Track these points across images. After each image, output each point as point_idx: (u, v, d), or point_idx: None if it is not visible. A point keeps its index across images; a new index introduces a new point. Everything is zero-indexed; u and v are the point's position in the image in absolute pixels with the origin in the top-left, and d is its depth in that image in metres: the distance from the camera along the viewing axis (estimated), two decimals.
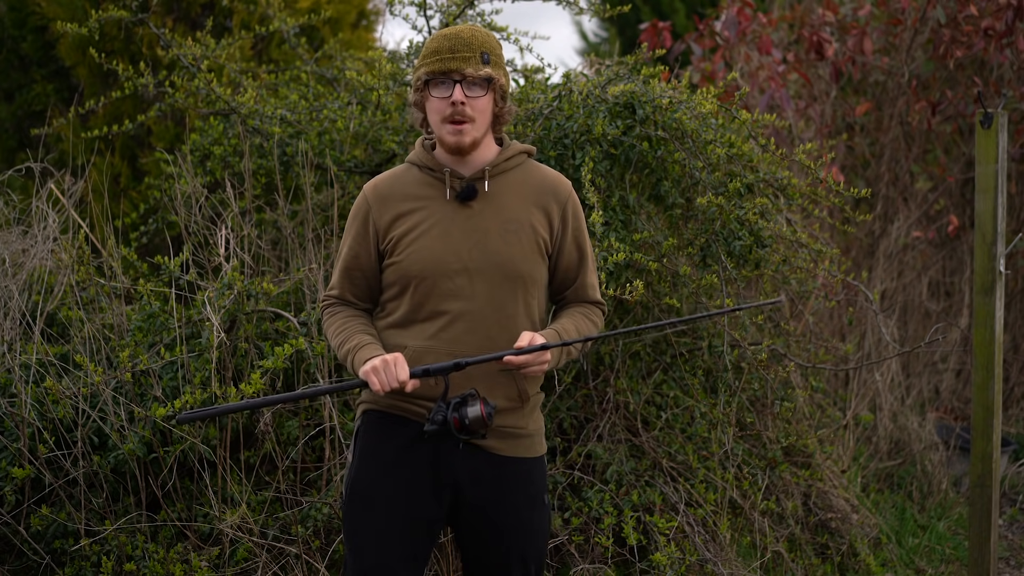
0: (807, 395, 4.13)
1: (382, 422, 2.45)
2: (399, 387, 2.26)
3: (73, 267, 3.51)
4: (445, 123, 2.38)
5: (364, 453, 2.46)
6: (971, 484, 3.71)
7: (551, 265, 2.50)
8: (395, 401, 2.42)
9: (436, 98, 2.38)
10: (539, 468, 2.51)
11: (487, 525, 2.45)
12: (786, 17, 6.01)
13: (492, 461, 2.42)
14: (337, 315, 2.47)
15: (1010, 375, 5.98)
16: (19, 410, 3.09)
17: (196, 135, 4.18)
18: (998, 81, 5.79)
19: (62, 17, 4.85)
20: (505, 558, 2.46)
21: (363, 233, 2.45)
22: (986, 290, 3.64)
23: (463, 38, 2.37)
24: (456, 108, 2.35)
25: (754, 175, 3.46)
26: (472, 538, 2.48)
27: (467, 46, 2.36)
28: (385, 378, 2.25)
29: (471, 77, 2.35)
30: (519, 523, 2.46)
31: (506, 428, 2.42)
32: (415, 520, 2.42)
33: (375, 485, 2.43)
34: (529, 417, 2.47)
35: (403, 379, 2.25)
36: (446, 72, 2.35)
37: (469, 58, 2.35)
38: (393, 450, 2.42)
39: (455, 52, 2.35)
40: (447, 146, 2.40)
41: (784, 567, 3.68)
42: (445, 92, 2.36)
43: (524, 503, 2.47)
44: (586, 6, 4.20)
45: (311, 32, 5.37)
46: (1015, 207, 6.09)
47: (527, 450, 2.47)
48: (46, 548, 3.12)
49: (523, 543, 2.47)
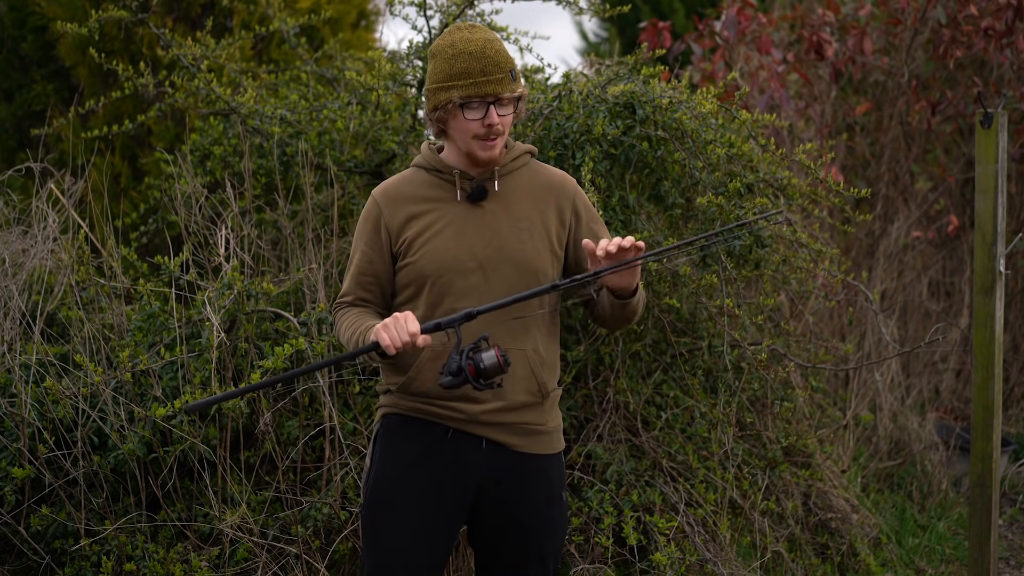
0: (807, 395, 4.13)
1: (403, 425, 2.45)
2: (411, 341, 2.20)
3: (73, 267, 3.51)
4: (477, 140, 2.37)
5: (385, 455, 2.46)
6: (971, 484, 3.71)
7: (571, 258, 2.50)
8: (416, 404, 2.43)
9: (470, 120, 2.36)
10: (557, 465, 2.53)
11: (508, 522, 2.46)
12: (787, 17, 6.01)
13: (514, 458, 2.43)
14: (348, 313, 2.47)
15: (1010, 375, 5.98)
16: (19, 410, 3.09)
17: (196, 135, 4.18)
18: (998, 81, 5.79)
19: (62, 17, 4.84)
20: (524, 555, 2.48)
21: (375, 237, 2.45)
22: (986, 290, 3.64)
23: (490, 57, 2.34)
24: (492, 128, 2.35)
25: (754, 175, 3.46)
26: (492, 535, 2.49)
27: (497, 67, 2.34)
28: (396, 333, 2.20)
29: (506, 100, 2.35)
30: (539, 520, 2.48)
31: (526, 424, 2.43)
32: (437, 522, 2.43)
33: (396, 487, 2.43)
34: (549, 413, 2.48)
35: (414, 331, 2.20)
36: (482, 96, 2.34)
37: (502, 79, 2.34)
38: (414, 452, 2.43)
39: (488, 75, 2.33)
40: (479, 161, 2.40)
41: (784, 567, 3.68)
42: (479, 114, 2.35)
43: (544, 500, 2.49)
44: (586, 6, 4.19)
45: (311, 32, 5.37)
46: (1015, 207, 6.09)
47: (547, 447, 2.49)
48: (46, 548, 3.12)
49: (543, 540, 2.49)
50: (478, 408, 2.39)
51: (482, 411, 2.39)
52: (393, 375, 2.46)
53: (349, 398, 3.43)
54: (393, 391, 2.46)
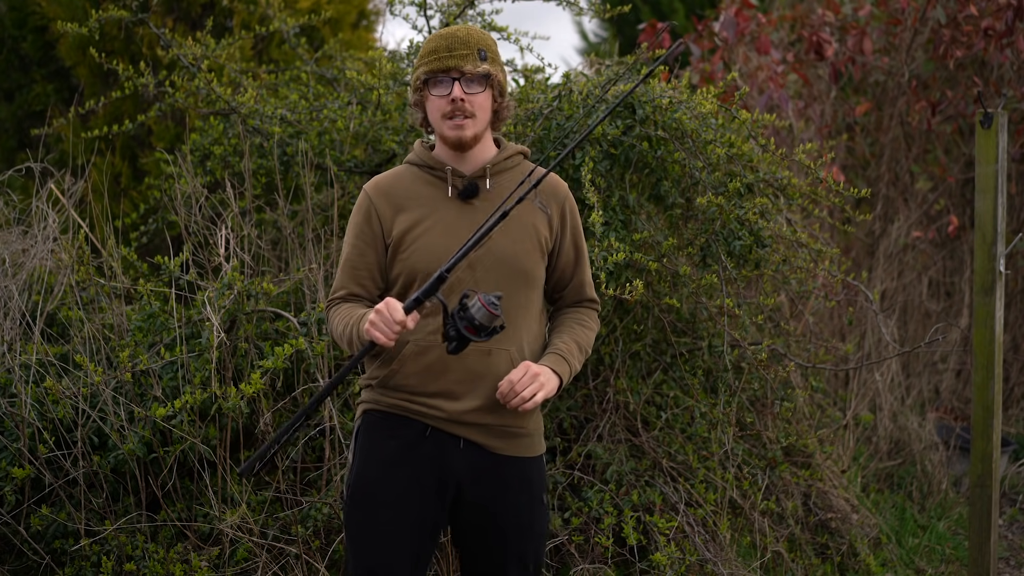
0: (807, 395, 4.14)
1: (383, 422, 2.45)
2: (401, 329, 2.23)
3: (73, 267, 3.51)
4: (445, 119, 2.40)
5: (365, 453, 2.46)
6: (971, 484, 3.71)
7: (550, 264, 2.52)
8: (396, 400, 2.42)
9: (436, 96, 2.40)
10: (538, 468, 2.52)
11: (487, 524, 2.45)
12: (786, 17, 6.01)
13: (492, 460, 2.43)
14: (340, 308, 2.47)
15: (1010, 375, 5.98)
16: (19, 410, 3.09)
17: (196, 135, 4.18)
18: (998, 81, 5.79)
19: (62, 17, 4.84)
20: (503, 557, 2.47)
21: (367, 229, 2.46)
22: (986, 290, 3.64)
23: (459, 37, 2.40)
24: (456, 105, 2.38)
25: (754, 175, 3.46)
26: (471, 537, 2.48)
27: (464, 44, 2.39)
28: (386, 328, 2.23)
29: (469, 74, 2.38)
30: (518, 523, 2.47)
31: (505, 427, 2.43)
32: (417, 520, 2.42)
33: (377, 485, 2.43)
34: (529, 416, 2.48)
35: (400, 319, 2.22)
36: (445, 70, 2.38)
37: (467, 55, 2.38)
38: (395, 450, 2.43)
39: (452, 50, 2.38)
40: (449, 141, 2.42)
41: (784, 567, 3.68)
42: (444, 90, 2.39)
43: (524, 503, 2.48)
44: (586, 6, 4.20)
45: (311, 32, 5.37)
46: (1015, 207, 6.09)
47: (526, 449, 2.48)
48: (46, 548, 3.12)
49: (522, 543, 2.48)
50: (457, 407, 2.39)
51: (462, 410, 2.39)
52: (377, 368, 2.46)
53: (349, 398, 3.43)
54: (374, 386, 2.46)
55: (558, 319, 2.57)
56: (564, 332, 2.51)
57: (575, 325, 2.53)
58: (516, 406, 2.33)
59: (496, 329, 2.23)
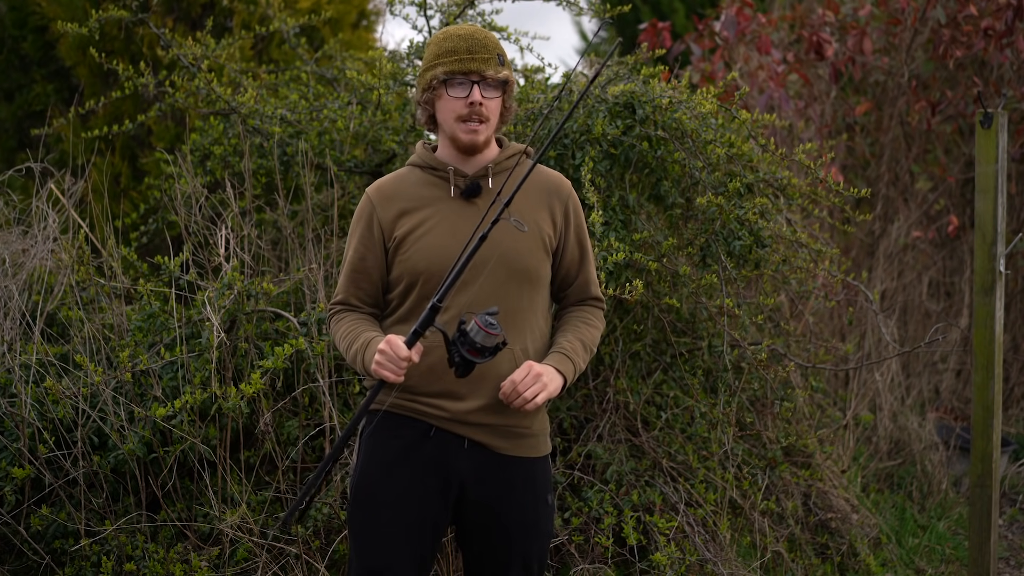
0: (807, 395, 4.13)
1: (386, 423, 2.45)
2: (408, 364, 2.25)
3: (73, 267, 3.51)
4: (460, 122, 2.39)
5: (369, 454, 2.46)
6: (971, 484, 3.71)
7: (554, 263, 2.51)
8: (399, 401, 2.42)
9: (453, 97, 2.38)
10: (543, 468, 2.52)
11: (491, 524, 2.45)
12: (786, 17, 6.01)
13: (497, 460, 2.43)
14: (343, 320, 2.48)
15: (1010, 375, 5.98)
16: (19, 410, 3.09)
17: (196, 135, 4.18)
18: (998, 81, 5.79)
19: (62, 17, 4.84)
20: (507, 557, 2.46)
21: (368, 234, 2.46)
22: (986, 290, 3.64)
23: (479, 39, 2.38)
24: (473, 108, 2.37)
25: (754, 175, 3.46)
26: (475, 537, 2.48)
27: (484, 47, 2.37)
28: (393, 367, 2.25)
29: (490, 79, 2.37)
30: (523, 523, 2.47)
31: (510, 427, 2.43)
32: (421, 520, 2.42)
33: (380, 485, 2.43)
34: (534, 416, 2.47)
35: (405, 356, 2.25)
36: (465, 72, 2.36)
37: (488, 60, 2.37)
38: (398, 450, 2.43)
39: (474, 53, 2.36)
40: (461, 145, 2.42)
41: (784, 567, 3.68)
42: (463, 92, 2.37)
43: (528, 503, 2.47)
44: (586, 6, 4.20)
45: (311, 32, 5.37)
46: (1015, 207, 6.09)
47: (532, 449, 2.48)
48: (46, 548, 3.12)
49: (526, 543, 2.47)
50: (461, 407, 2.39)
51: (465, 410, 2.39)
52: None
53: (349, 398, 3.43)
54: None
55: (563, 318, 2.57)
56: (569, 331, 2.51)
57: (580, 324, 2.53)
58: (519, 407, 2.33)
59: (499, 347, 2.25)
